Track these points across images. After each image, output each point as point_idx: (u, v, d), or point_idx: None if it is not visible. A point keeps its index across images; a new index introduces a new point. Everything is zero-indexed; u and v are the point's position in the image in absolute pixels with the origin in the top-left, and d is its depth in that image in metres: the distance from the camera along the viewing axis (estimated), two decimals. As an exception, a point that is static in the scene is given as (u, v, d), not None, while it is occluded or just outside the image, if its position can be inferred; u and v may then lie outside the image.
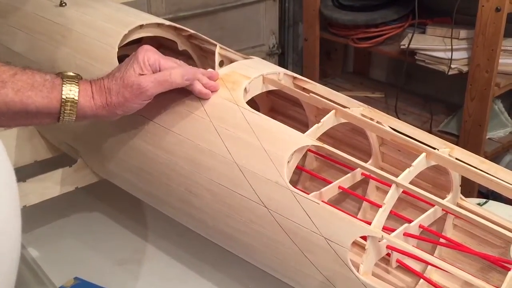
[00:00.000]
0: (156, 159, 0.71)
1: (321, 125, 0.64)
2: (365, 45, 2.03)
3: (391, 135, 0.64)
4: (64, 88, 0.64)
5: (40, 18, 0.94)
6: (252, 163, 0.62)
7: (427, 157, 0.60)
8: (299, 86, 0.76)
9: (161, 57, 0.68)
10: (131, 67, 0.66)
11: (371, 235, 0.54)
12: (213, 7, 2.07)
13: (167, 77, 0.66)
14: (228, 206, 0.64)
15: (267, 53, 2.33)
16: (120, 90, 0.65)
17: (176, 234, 0.88)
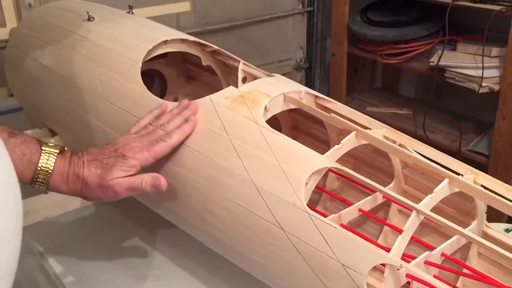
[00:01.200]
0: (175, 176, 0.71)
1: (341, 146, 0.63)
2: (393, 61, 2.01)
3: (414, 159, 0.62)
4: (41, 161, 0.65)
5: (68, 32, 0.95)
6: (270, 184, 0.61)
7: (450, 183, 0.57)
8: (321, 105, 0.75)
9: (139, 154, 0.67)
10: (114, 168, 0.66)
11: (390, 263, 0.52)
12: (241, 21, 2.08)
13: (140, 185, 0.66)
14: (244, 226, 0.64)
15: (294, 67, 2.33)
16: (95, 189, 0.66)
17: (195, 250, 0.87)
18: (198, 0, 1.96)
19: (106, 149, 0.68)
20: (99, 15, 0.98)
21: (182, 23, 1.94)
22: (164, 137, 0.68)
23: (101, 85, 0.84)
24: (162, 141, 0.68)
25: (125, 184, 0.66)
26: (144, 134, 0.69)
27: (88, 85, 0.86)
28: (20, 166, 0.64)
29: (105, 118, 0.81)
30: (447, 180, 0.58)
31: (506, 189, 0.56)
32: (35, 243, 0.90)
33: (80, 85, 0.87)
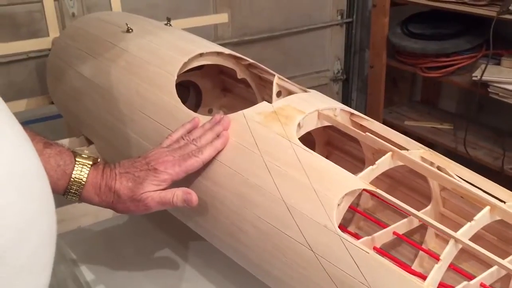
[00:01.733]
0: (206, 191, 0.70)
1: (376, 167, 0.61)
2: (434, 74, 1.96)
3: (453, 184, 0.59)
4: (74, 172, 0.66)
5: (107, 43, 0.97)
6: (301, 203, 0.60)
7: (491, 211, 0.55)
8: (356, 123, 0.73)
9: (171, 169, 0.67)
10: (145, 182, 0.66)
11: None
12: (279, 32, 2.08)
13: (171, 199, 0.67)
14: (274, 245, 0.62)
15: (331, 79, 2.30)
16: (127, 202, 0.67)
17: (224, 265, 0.86)
18: (237, 11, 1.96)
19: (138, 162, 0.68)
20: (138, 26, 0.99)
21: (220, 33, 1.95)
22: (195, 152, 0.68)
23: (137, 97, 0.85)
24: (193, 156, 0.67)
25: (156, 198, 0.66)
26: (176, 148, 0.69)
27: (125, 97, 0.87)
28: (54, 177, 0.65)
29: (139, 130, 0.82)
30: (488, 208, 0.55)
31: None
32: (68, 251, 0.91)
33: (117, 96, 0.88)
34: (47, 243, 0.41)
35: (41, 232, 0.39)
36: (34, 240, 0.38)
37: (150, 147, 0.75)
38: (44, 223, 0.40)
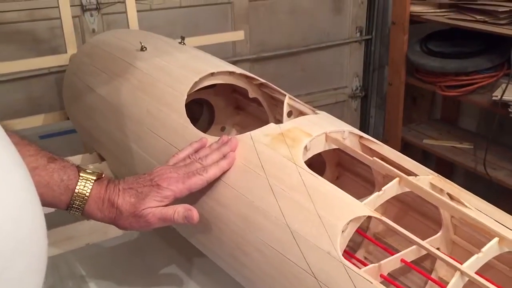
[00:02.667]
0: (210, 211, 0.70)
1: (382, 193, 0.60)
2: (453, 93, 1.92)
3: (460, 213, 0.57)
4: (78, 187, 0.66)
5: (121, 61, 0.98)
6: (305, 229, 0.59)
7: (500, 242, 0.53)
8: (365, 146, 0.72)
9: (173, 185, 0.67)
10: (147, 197, 0.66)
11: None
12: (297, 49, 2.08)
13: (171, 216, 0.66)
14: (277, 270, 0.61)
15: (350, 96, 2.29)
16: (129, 218, 0.67)
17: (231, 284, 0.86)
18: (255, 27, 1.97)
19: (141, 178, 0.69)
20: (152, 45, 1.00)
21: (238, 49, 1.97)
22: (200, 171, 0.67)
23: (147, 115, 0.85)
24: (198, 175, 0.67)
25: (157, 214, 0.66)
26: (181, 166, 0.69)
27: (135, 115, 0.87)
28: (57, 192, 0.65)
29: (147, 147, 0.82)
30: (497, 239, 0.53)
31: None
32: (77, 268, 0.92)
33: (128, 114, 0.89)
34: (35, 269, 0.40)
35: (29, 258, 0.39)
36: (21, 266, 0.38)
37: (158, 165, 0.75)
38: (33, 249, 0.40)
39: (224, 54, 1.94)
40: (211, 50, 1.77)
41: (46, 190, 0.64)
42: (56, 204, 0.66)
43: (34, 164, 0.64)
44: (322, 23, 2.11)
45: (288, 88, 2.21)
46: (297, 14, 2.04)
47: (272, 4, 1.98)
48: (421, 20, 1.97)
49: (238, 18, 1.91)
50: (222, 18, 1.89)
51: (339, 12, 2.13)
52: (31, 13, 1.44)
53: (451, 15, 1.88)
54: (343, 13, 2.14)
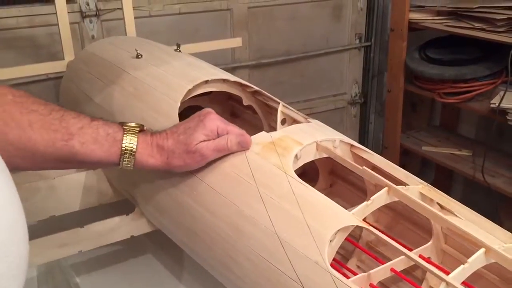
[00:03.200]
0: (201, 220, 0.70)
1: (371, 203, 0.60)
2: (452, 100, 1.93)
3: (448, 223, 0.57)
4: (124, 140, 0.68)
5: (117, 68, 0.99)
6: (294, 238, 0.59)
7: (486, 253, 0.53)
8: (356, 155, 0.72)
9: (222, 122, 0.70)
10: (196, 132, 0.68)
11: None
12: (296, 55, 2.08)
13: (225, 145, 0.69)
14: (265, 279, 0.61)
15: (349, 102, 2.29)
16: (183, 155, 0.68)
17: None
18: (254, 34, 1.98)
19: (187, 120, 0.71)
20: (147, 52, 1.01)
21: (237, 56, 1.97)
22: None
23: (142, 122, 0.85)
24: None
25: (211, 146, 0.68)
26: None
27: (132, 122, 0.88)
28: (106, 145, 0.67)
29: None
30: (483, 250, 0.53)
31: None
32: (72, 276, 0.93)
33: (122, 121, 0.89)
34: (14, 274, 0.41)
35: (7, 263, 0.39)
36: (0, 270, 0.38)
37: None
38: (13, 254, 0.40)
39: (223, 60, 1.95)
40: (210, 56, 1.78)
41: (96, 146, 0.66)
42: (108, 157, 0.67)
43: (79, 124, 0.66)
44: (322, 29, 2.12)
45: (287, 94, 2.23)
46: (296, 20, 2.04)
47: (271, 10, 1.98)
48: (419, 27, 1.98)
49: (237, 25, 1.92)
50: (221, 25, 1.89)
51: (338, 19, 2.14)
52: (31, 19, 1.45)
53: (450, 23, 1.89)
54: (343, 20, 2.15)
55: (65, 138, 0.65)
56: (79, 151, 0.66)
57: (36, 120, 0.64)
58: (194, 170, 0.71)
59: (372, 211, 0.61)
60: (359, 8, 2.15)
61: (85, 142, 0.66)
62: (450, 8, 1.89)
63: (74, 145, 0.66)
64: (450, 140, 2.14)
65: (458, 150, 2.06)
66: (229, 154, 0.70)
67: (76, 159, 0.67)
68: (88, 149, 0.66)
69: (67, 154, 0.66)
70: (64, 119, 0.66)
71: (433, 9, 1.94)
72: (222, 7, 1.87)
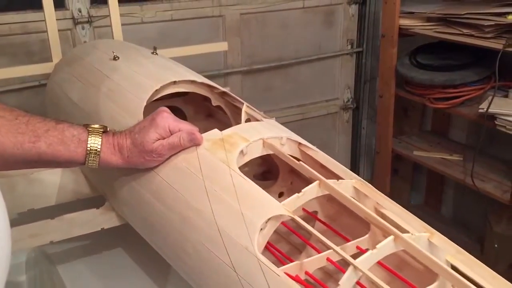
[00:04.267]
0: (157, 212, 0.75)
1: (302, 195, 0.64)
2: (441, 105, 1.95)
3: (363, 212, 0.61)
4: (89, 141, 0.73)
5: (95, 69, 1.04)
6: (230, 226, 0.63)
7: (395, 240, 0.56)
8: (303, 152, 0.76)
9: (173, 120, 0.75)
10: (150, 132, 0.73)
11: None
12: (288, 61, 2.13)
13: (178, 142, 0.73)
14: (207, 266, 0.66)
15: (341, 107, 2.32)
16: (141, 154, 0.73)
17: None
18: (246, 40, 2.03)
19: (142, 120, 0.76)
20: (125, 55, 1.06)
21: (229, 61, 2.02)
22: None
23: (110, 121, 0.90)
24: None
25: (166, 145, 0.73)
26: None
27: (102, 121, 0.93)
28: (72, 146, 0.71)
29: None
30: (392, 237, 0.56)
31: (457, 251, 0.53)
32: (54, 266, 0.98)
33: (96, 120, 0.94)
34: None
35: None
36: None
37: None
38: None
39: (216, 66, 2.00)
40: (203, 62, 1.84)
41: (62, 147, 0.71)
42: (74, 157, 0.72)
43: (45, 127, 0.71)
44: (313, 36, 2.16)
45: (280, 100, 2.27)
46: (288, 27, 2.09)
47: (263, 17, 2.03)
48: (410, 33, 2.01)
49: (229, 31, 1.97)
50: (213, 31, 1.94)
51: (330, 25, 2.17)
52: (24, 26, 1.51)
53: (439, 29, 1.91)
54: (334, 26, 2.19)
55: (32, 140, 0.69)
56: (46, 151, 0.70)
57: (3, 124, 0.68)
58: (154, 167, 0.76)
59: (305, 202, 0.64)
60: (350, 15, 2.19)
61: (51, 143, 0.71)
62: (439, 15, 1.91)
63: (41, 147, 0.70)
64: (441, 145, 2.16)
65: (449, 155, 2.08)
66: (182, 150, 0.75)
67: (44, 160, 0.72)
68: (55, 150, 0.71)
69: (34, 155, 0.71)
70: (30, 123, 0.70)
71: (423, 15, 1.97)
72: (214, 14, 1.92)
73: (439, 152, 2.10)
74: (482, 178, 1.90)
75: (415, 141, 2.21)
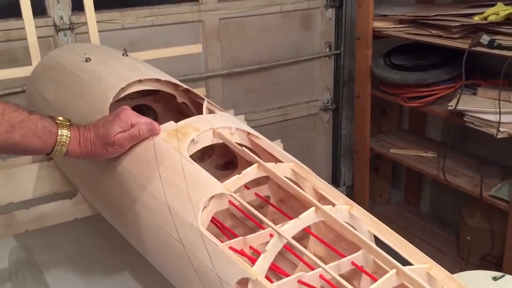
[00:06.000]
0: (119, 198, 0.81)
1: (242, 176, 0.70)
2: (414, 104, 2.02)
3: (291, 187, 0.68)
4: (59, 133, 0.79)
5: (68, 71, 1.11)
6: (179, 206, 0.70)
7: (316, 211, 0.63)
8: (252, 140, 0.82)
9: (135, 116, 0.82)
10: (113, 126, 0.80)
11: (251, 277, 0.58)
12: (268, 64, 2.20)
13: (138, 133, 0.80)
14: (161, 244, 0.72)
15: (321, 108, 2.39)
16: (103, 146, 0.80)
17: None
18: (226, 44, 2.10)
19: (106, 116, 0.82)
20: (96, 56, 1.13)
21: (210, 65, 2.09)
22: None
23: (80, 119, 0.97)
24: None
25: (126, 136, 0.79)
26: None
27: (73, 119, 0.99)
28: (43, 137, 0.77)
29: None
30: (314, 208, 0.63)
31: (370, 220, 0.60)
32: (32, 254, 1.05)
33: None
34: None
35: None
36: None
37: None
38: None
39: (197, 70, 2.07)
40: (184, 66, 1.91)
41: (35, 138, 0.77)
42: (43, 148, 0.78)
43: (19, 118, 0.76)
44: (292, 39, 2.23)
45: (261, 102, 2.34)
46: (267, 31, 2.16)
47: (242, 21, 2.10)
48: (383, 35, 2.08)
49: (209, 35, 2.04)
50: (193, 36, 2.02)
51: (308, 28, 2.25)
52: (6, 33, 1.58)
53: (410, 30, 1.98)
54: (312, 29, 2.26)
55: (8, 130, 0.76)
56: (19, 142, 0.77)
57: None
58: (116, 157, 0.83)
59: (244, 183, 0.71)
60: (327, 18, 2.26)
61: (25, 134, 0.77)
62: (411, 17, 1.99)
63: (15, 137, 0.76)
64: (417, 143, 2.23)
65: (424, 152, 2.15)
66: (141, 141, 0.81)
67: (16, 148, 0.78)
68: (28, 140, 0.77)
69: (8, 145, 0.77)
70: (5, 112, 0.76)
71: (395, 17, 2.04)
72: (194, 19, 2.00)
73: (415, 150, 2.17)
74: (454, 174, 1.97)
75: (393, 140, 2.28)
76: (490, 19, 1.69)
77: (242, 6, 2.07)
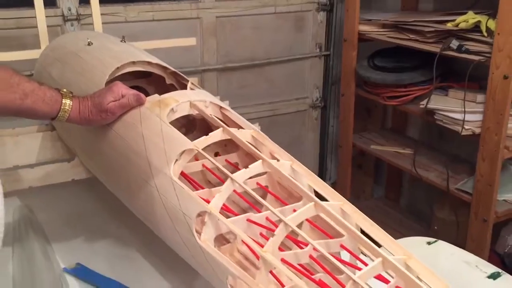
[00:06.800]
0: (111, 159, 0.97)
1: (209, 137, 0.86)
2: (393, 103, 2.17)
3: (247, 147, 0.83)
4: (63, 101, 0.95)
5: (72, 52, 1.27)
6: (156, 160, 0.85)
7: (262, 163, 0.79)
8: (223, 113, 0.98)
9: (125, 88, 0.97)
10: (107, 96, 0.95)
11: (209, 211, 0.74)
12: (261, 61, 2.35)
13: (127, 102, 0.95)
14: (144, 193, 0.88)
15: (310, 105, 2.54)
16: (98, 113, 0.95)
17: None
18: (222, 41, 2.26)
19: (101, 89, 0.97)
20: (98, 41, 1.29)
21: (205, 59, 2.25)
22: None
23: (80, 92, 1.13)
24: None
25: (117, 105, 0.94)
26: None
27: (75, 92, 1.15)
28: (50, 104, 0.92)
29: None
30: (260, 161, 0.79)
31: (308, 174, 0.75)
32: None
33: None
34: None
35: None
36: None
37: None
38: None
39: (193, 63, 2.23)
40: (181, 59, 2.07)
41: (43, 104, 0.92)
42: (49, 113, 0.93)
43: (31, 87, 0.90)
44: (285, 39, 2.39)
45: (253, 97, 2.50)
46: (261, 30, 2.32)
47: (237, 20, 2.26)
48: (368, 38, 2.23)
49: (206, 32, 2.20)
50: (191, 31, 2.17)
51: (300, 30, 2.40)
52: (18, 21, 1.74)
53: (392, 34, 2.14)
54: (304, 31, 2.42)
55: (22, 97, 0.91)
56: (31, 107, 0.92)
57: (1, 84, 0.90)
58: (110, 123, 0.98)
59: (210, 143, 0.87)
60: (319, 21, 2.42)
61: (35, 101, 0.93)
62: (392, 22, 2.14)
63: (28, 103, 0.92)
64: (397, 141, 2.38)
65: (402, 149, 2.30)
66: (130, 109, 0.97)
67: (28, 113, 0.94)
68: (37, 106, 0.93)
69: (23, 109, 0.93)
70: (20, 83, 0.92)
71: (378, 22, 2.20)
72: (192, 16, 2.16)
73: (393, 147, 2.33)
74: (426, 169, 2.13)
75: (375, 137, 2.43)
76: (460, 26, 1.84)
77: (238, 6, 2.23)
